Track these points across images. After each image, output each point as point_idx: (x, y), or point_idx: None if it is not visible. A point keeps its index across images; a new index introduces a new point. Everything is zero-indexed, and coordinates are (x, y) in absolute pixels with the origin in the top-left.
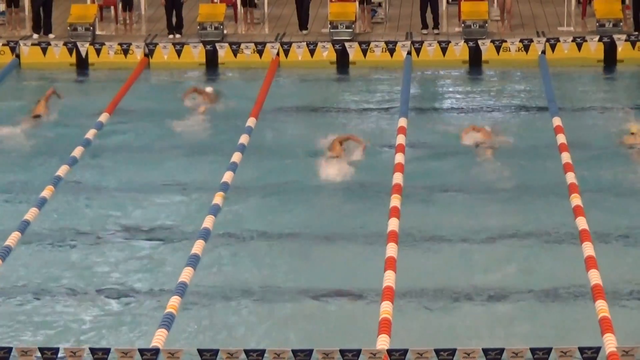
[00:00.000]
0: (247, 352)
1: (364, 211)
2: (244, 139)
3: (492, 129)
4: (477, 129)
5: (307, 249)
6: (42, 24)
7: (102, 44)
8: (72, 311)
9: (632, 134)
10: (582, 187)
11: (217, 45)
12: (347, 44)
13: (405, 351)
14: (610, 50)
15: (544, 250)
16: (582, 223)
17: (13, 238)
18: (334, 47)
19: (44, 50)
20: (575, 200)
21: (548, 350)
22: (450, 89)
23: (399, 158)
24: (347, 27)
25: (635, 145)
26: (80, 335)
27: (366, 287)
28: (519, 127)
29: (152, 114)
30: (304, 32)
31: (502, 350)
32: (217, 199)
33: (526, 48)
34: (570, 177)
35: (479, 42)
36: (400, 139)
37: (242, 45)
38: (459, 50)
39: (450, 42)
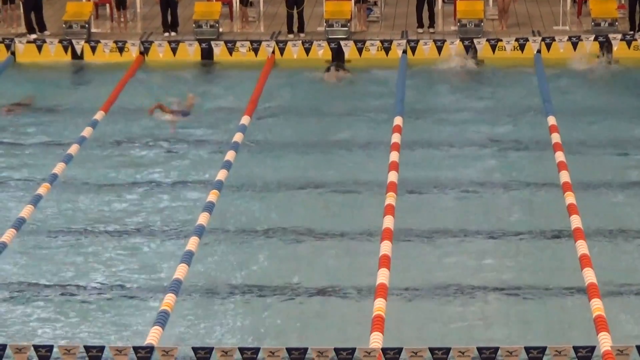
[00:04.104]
0: (241, 350)
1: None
2: (237, 137)
3: None
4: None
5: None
6: (34, 24)
7: (98, 42)
8: (66, 308)
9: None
10: (576, 185)
11: (213, 43)
12: (342, 43)
13: (400, 350)
14: (605, 49)
15: (540, 248)
16: (576, 221)
17: (8, 235)
18: (329, 45)
19: (39, 48)
20: (570, 198)
21: (542, 349)
22: (446, 88)
23: (394, 156)
24: (342, 26)
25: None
26: (75, 333)
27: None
28: (514, 126)
29: (146, 112)
30: (302, 34)
31: (496, 349)
32: (212, 196)
33: (522, 47)
34: (564, 176)
35: (475, 41)
36: (396, 138)
37: (238, 44)
38: (455, 49)
39: (445, 40)
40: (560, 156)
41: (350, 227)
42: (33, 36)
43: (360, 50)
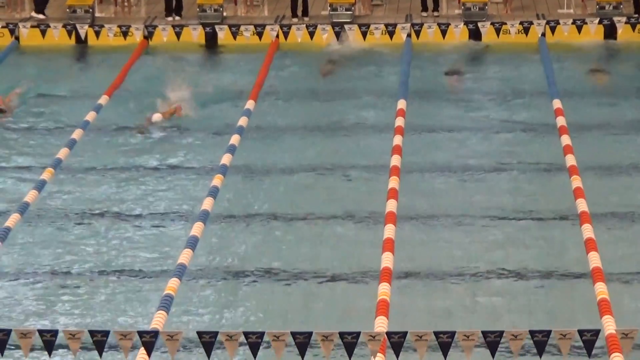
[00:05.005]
0: (246, 334)
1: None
2: (242, 121)
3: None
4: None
5: None
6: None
7: (102, 26)
8: (71, 293)
9: None
10: (582, 168)
11: (217, 27)
12: (346, 26)
13: (405, 334)
14: (610, 32)
15: (543, 230)
16: (581, 205)
17: (12, 220)
18: (333, 29)
19: (43, 32)
20: (576, 182)
21: (547, 333)
22: (449, 71)
23: (398, 140)
24: (346, 10)
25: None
26: (79, 318)
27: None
28: (518, 109)
29: (151, 96)
30: (306, 18)
31: (501, 333)
32: (216, 181)
33: (526, 30)
34: (570, 159)
35: (479, 24)
36: (399, 121)
37: (242, 28)
38: (459, 32)
39: (450, 24)
40: (565, 139)
41: (353, 211)
42: (41, 16)
43: (364, 34)
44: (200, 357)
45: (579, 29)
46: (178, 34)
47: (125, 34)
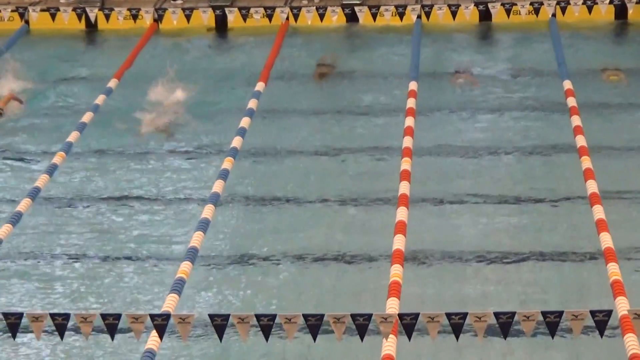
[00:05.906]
0: (258, 316)
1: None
2: (252, 103)
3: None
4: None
5: None
6: None
7: (112, 10)
8: (83, 277)
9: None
10: (592, 148)
11: (227, 9)
12: (356, 8)
13: (417, 315)
14: (620, 12)
15: (554, 211)
16: (592, 186)
17: (24, 204)
18: (343, 11)
19: (53, 16)
20: (586, 162)
21: (559, 314)
22: (460, 53)
23: (409, 122)
24: None
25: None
26: (91, 301)
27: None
28: (529, 90)
29: (161, 79)
30: (316, 0)
31: (513, 314)
32: (226, 164)
33: (536, 11)
34: (581, 140)
35: (489, 5)
36: (411, 103)
37: (252, 10)
38: (469, 13)
39: (460, 5)
40: (576, 120)
41: (365, 193)
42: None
43: (374, 16)
44: (212, 340)
45: (590, 9)
46: (188, 17)
47: (135, 17)
